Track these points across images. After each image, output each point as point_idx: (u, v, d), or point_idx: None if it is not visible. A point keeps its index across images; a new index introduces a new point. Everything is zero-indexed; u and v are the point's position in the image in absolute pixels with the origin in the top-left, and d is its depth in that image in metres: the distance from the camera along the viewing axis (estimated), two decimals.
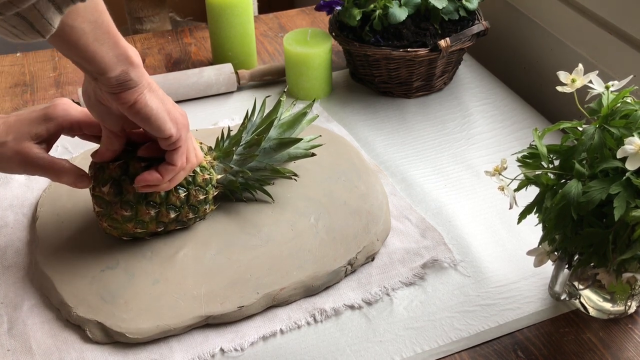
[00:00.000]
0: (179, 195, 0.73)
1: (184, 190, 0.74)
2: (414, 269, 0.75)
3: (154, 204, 0.73)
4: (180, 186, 0.73)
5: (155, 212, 0.73)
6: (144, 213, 0.72)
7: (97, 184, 0.71)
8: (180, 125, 0.67)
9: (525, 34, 1.11)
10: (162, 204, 0.73)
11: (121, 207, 0.71)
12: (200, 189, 0.75)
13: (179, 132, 0.67)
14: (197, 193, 0.75)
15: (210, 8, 1.07)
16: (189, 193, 0.74)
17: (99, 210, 0.73)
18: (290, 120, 0.80)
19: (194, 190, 0.74)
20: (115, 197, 0.71)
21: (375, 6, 0.98)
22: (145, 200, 0.72)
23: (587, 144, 0.59)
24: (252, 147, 0.78)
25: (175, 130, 0.67)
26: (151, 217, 0.73)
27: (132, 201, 0.72)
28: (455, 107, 1.03)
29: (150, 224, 0.74)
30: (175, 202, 0.74)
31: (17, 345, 0.67)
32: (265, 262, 0.74)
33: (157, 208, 0.73)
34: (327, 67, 1.03)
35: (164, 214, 0.74)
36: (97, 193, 0.72)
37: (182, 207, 0.74)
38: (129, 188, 0.71)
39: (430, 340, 0.68)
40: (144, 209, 0.72)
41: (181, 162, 0.69)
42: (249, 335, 0.68)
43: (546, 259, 0.65)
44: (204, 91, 1.05)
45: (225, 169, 0.78)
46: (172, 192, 0.73)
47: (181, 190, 0.74)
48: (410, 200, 0.85)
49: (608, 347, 0.68)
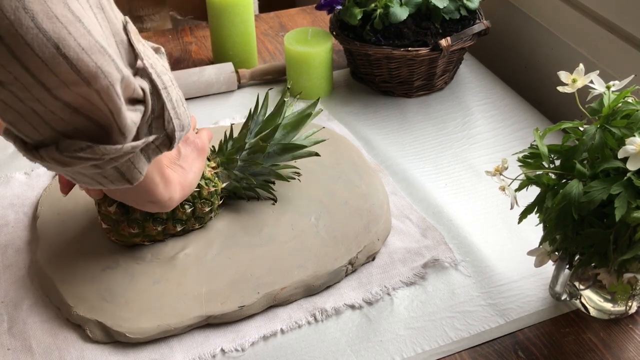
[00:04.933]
0: (185, 210, 0.74)
1: (190, 206, 0.74)
2: (415, 268, 0.75)
3: (161, 220, 0.73)
4: (186, 201, 0.73)
5: (162, 228, 0.74)
6: (151, 229, 0.73)
7: (103, 202, 0.71)
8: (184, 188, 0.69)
9: (526, 33, 1.11)
10: (169, 219, 0.73)
11: (128, 225, 0.72)
12: (206, 202, 0.75)
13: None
14: (203, 206, 0.75)
15: (211, 7, 1.07)
16: (195, 207, 0.74)
17: (106, 227, 0.73)
18: (294, 121, 0.79)
19: (199, 204, 0.74)
20: (122, 216, 0.71)
21: (376, 5, 0.98)
22: (151, 218, 0.72)
23: (588, 144, 0.59)
24: (256, 153, 0.76)
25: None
26: (158, 232, 0.74)
27: (139, 219, 0.72)
28: (456, 107, 1.03)
29: (157, 236, 0.74)
30: (181, 217, 0.74)
31: (17, 344, 0.67)
32: (265, 261, 0.74)
33: (164, 224, 0.73)
34: (327, 66, 1.03)
35: (171, 228, 0.74)
36: (103, 211, 0.72)
37: (188, 220, 0.75)
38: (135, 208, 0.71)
39: (431, 340, 0.68)
40: (150, 225, 0.72)
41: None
42: (249, 335, 0.68)
43: (547, 259, 0.65)
44: (204, 90, 1.05)
45: (229, 175, 0.78)
46: (177, 208, 0.73)
47: (187, 206, 0.74)
48: (411, 199, 0.85)
49: (609, 348, 0.68)
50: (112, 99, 0.46)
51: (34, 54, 0.41)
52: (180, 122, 0.54)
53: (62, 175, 0.73)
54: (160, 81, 0.51)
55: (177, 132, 0.53)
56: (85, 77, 0.43)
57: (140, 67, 0.50)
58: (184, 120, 0.54)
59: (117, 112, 0.47)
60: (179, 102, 0.53)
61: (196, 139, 0.71)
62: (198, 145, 0.70)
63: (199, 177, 0.70)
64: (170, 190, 0.63)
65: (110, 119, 0.47)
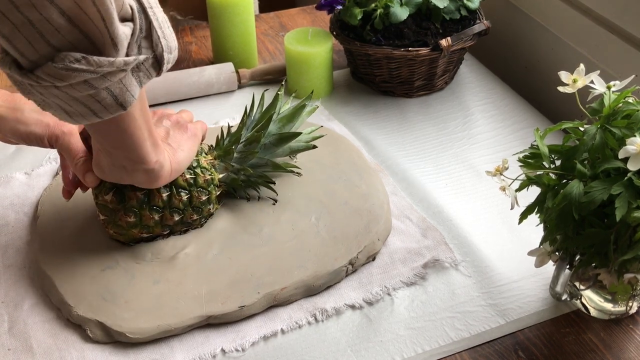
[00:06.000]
0: (182, 198, 0.73)
1: (186, 193, 0.74)
2: (415, 268, 0.75)
3: (157, 209, 0.73)
4: (182, 188, 0.73)
5: (159, 216, 0.73)
6: (148, 218, 0.73)
7: (100, 192, 0.72)
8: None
9: (526, 33, 1.11)
10: (165, 207, 0.73)
11: (125, 213, 0.72)
12: (202, 190, 0.75)
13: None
14: (200, 194, 0.75)
15: (211, 7, 1.07)
16: (191, 195, 0.74)
17: (104, 218, 0.73)
18: (289, 114, 0.80)
19: (196, 192, 0.74)
20: (118, 204, 0.71)
21: (376, 5, 0.98)
22: (148, 205, 0.72)
23: (588, 144, 0.59)
24: (251, 143, 0.77)
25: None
26: (155, 222, 0.74)
27: (136, 207, 0.72)
28: (456, 107, 1.03)
29: (155, 227, 0.74)
30: (178, 204, 0.74)
31: (18, 345, 0.67)
32: (266, 261, 0.74)
33: (161, 212, 0.73)
34: (328, 66, 1.03)
35: (168, 218, 0.74)
36: (100, 202, 0.72)
37: (185, 209, 0.75)
38: (131, 195, 0.71)
39: (431, 340, 0.68)
40: (147, 213, 0.72)
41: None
42: (250, 335, 0.68)
43: (547, 259, 0.65)
44: (204, 90, 1.05)
45: (226, 167, 0.78)
46: (174, 195, 0.73)
47: (183, 193, 0.74)
48: (411, 199, 0.85)
49: (609, 348, 0.68)
50: (105, 4, 0.47)
51: None
52: (167, 43, 0.55)
53: (66, 178, 0.73)
54: (146, 0, 0.52)
55: (165, 54, 0.54)
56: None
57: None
58: (171, 42, 0.55)
59: (109, 20, 0.48)
60: (164, 23, 0.54)
61: (188, 124, 0.73)
62: (189, 128, 0.72)
63: (191, 157, 0.71)
64: (158, 154, 0.64)
65: (102, 28, 0.48)
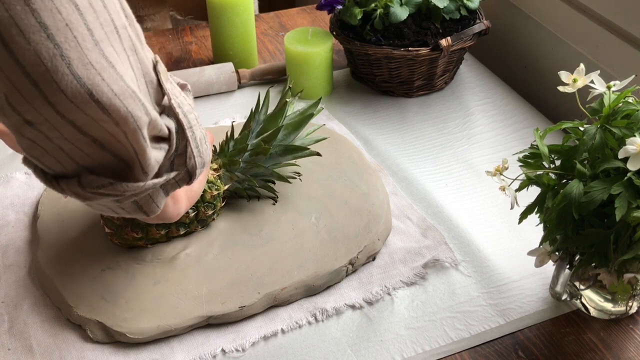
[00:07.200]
0: (189, 215, 0.74)
1: (194, 210, 0.74)
2: (415, 268, 0.75)
3: (164, 225, 0.73)
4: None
5: (166, 231, 0.74)
6: (155, 233, 0.73)
7: None
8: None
9: (526, 33, 1.11)
10: (172, 224, 0.73)
11: (132, 230, 0.72)
12: (209, 205, 0.75)
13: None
14: (206, 209, 0.75)
15: (211, 7, 1.07)
16: (198, 211, 0.74)
17: (110, 231, 0.73)
18: (295, 122, 0.78)
19: (202, 208, 0.74)
20: (125, 221, 0.72)
21: (376, 5, 0.98)
22: (156, 223, 0.72)
23: (588, 144, 0.59)
24: (258, 155, 0.76)
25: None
26: (161, 236, 0.74)
27: (143, 224, 0.72)
28: (456, 107, 1.03)
29: (160, 239, 0.75)
30: (185, 220, 0.74)
31: (18, 345, 0.67)
32: (266, 261, 0.74)
33: (167, 227, 0.73)
34: (327, 66, 1.03)
35: (174, 232, 0.74)
36: (106, 216, 0.72)
37: (191, 224, 0.75)
38: None
39: (431, 340, 0.68)
40: (154, 230, 0.73)
41: None
42: (250, 335, 0.68)
43: (547, 259, 0.65)
44: (204, 90, 1.05)
45: (231, 177, 0.77)
46: None
47: (190, 210, 0.74)
48: (411, 199, 0.85)
49: (609, 348, 0.68)
50: (138, 141, 0.47)
51: (67, 100, 0.41)
52: (202, 159, 0.55)
53: None
54: (186, 120, 0.52)
55: (197, 169, 0.55)
56: (116, 119, 0.44)
57: (167, 105, 0.51)
58: (205, 157, 0.55)
59: (141, 153, 0.48)
60: (202, 140, 0.54)
61: None
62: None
63: (204, 185, 0.70)
64: (178, 207, 0.64)
65: (134, 157, 0.48)
